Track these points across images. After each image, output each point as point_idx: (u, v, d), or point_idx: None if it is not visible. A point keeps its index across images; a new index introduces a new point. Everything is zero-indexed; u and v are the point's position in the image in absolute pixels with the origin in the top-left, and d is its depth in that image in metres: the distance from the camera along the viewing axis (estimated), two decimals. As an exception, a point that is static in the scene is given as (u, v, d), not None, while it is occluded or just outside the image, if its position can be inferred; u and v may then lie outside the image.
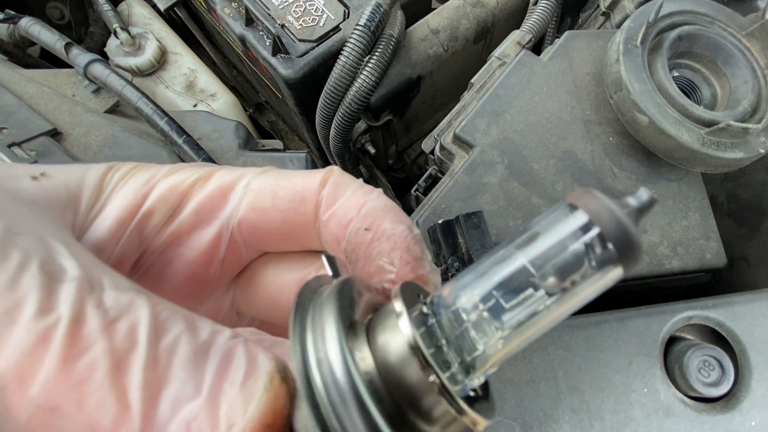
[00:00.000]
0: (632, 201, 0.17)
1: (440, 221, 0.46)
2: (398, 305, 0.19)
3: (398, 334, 0.18)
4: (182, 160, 0.60)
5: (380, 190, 0.26)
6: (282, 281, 0.27)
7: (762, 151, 0.50)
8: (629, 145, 0.55)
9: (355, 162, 0.91)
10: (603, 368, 0.44)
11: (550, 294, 0.18)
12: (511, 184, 0.53)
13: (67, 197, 0.22)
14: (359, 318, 0.19)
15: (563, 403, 0.44)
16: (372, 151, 0.89)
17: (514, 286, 0.18)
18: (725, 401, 0.44)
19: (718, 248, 0.53)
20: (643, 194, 0.17)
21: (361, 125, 0.85)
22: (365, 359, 0.18)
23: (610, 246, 0.16)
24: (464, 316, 0.19)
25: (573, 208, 0.18)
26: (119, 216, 0.23)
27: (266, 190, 0.25)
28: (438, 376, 0.17)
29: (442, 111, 0.95)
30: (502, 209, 0.52)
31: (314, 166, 0.65)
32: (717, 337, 0.46)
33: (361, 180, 0.26)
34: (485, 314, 0.18)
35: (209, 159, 0.59)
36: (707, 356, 0.44)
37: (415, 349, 0.17)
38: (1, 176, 0.21)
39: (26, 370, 0.15)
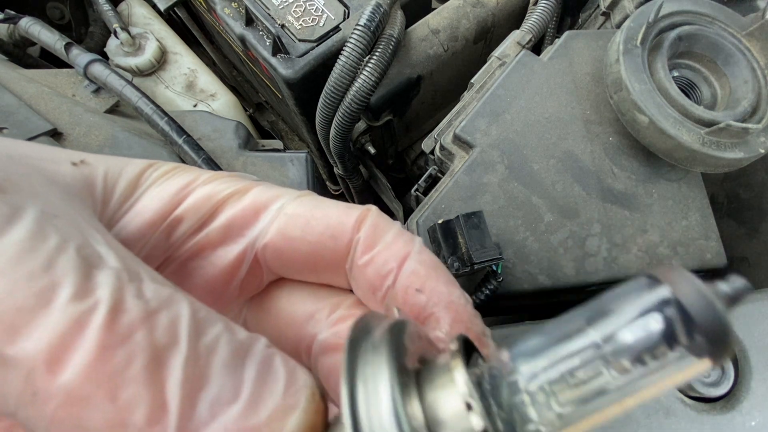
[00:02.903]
0: (725, 287, 0.15)
1: (440, 221, 0.46)
2: (460, 378, 0.17)
3: (457, 404, 0.17)
4: (182, 160, 0.60)
5: (420, 239, 0.25)
6: (294, 310, 0.26)
7: (762, 151, 0.50)
8: (629, 145, 0.55)
9: (355, 162, 0.91)
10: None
11: (620, 377, 0.16)
12: (511, 184, 0.53)
13: (102, 187, 0.22)
14: (410, 366, 0.18)
15: (563, 403, 0.43)
16: (372, 151, 0.89)
17: (580, 362, 0.16)
18: (725, 401, 0.44)
19: (718, 248, 0.53)
20: (737, 280, 0.15)
21: (361, 125, 0.85)
22: (416, 417, 0.17)
23: (700, 334, 0.14)
24: (522, 386, 0.17)
25: (655, 282, 0.15)
26: (150, 217, 0.22)
27: (299, 217, 0.24)
28: None
29: (442, 111, 0.95)
30: (502, 209, 0.52)
31: (314, 166, 0.65)
32: (717, 337, 0.46)
33: (398, 224, 0.25)
34: (545, 388, 0.16)
35: (209, 159, 0.59)
36: (707, 356, 0.44)
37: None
38: (42, 158, 0.20)
39: (59, 354, 0.14)
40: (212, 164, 0.59)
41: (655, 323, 0.15)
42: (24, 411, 0.14)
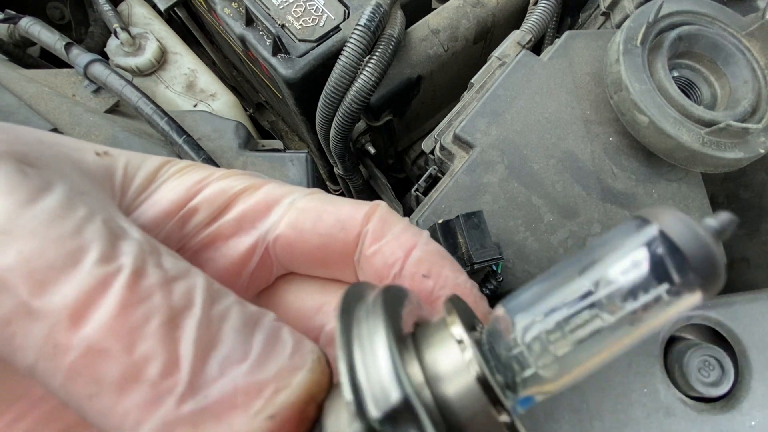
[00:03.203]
0: (712, 221, 0.15)
1: (440, 221, 0.46)
2: (457, 330, 0.17)
3: (455, 355, 0.17)
4: (182, 160, 0.60)
5: (427, 233, 0.25)
6: (302, 304, 0.27)
7: (762, 151, 0.50)
8: (629, 145, 0.55)
9: (355, 162, 0.91)
10: (603, 368, 0.44)
11: (614, 318, 0.16)
12: (511, 184, 0.53)
13: (122, 177, 0.23)
14: (405, 329, 0.18)
15: (563, 402, 0.43)
16: (372, 151, 0.89)
17: (574, 308, 0.16)
18: (725, 401, 0.44)
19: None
20: (724, 215, 0.15)
21: (361, 125, 0.85)
22: (416, 376, 0.17)
23: (691, 268, 0.14)
24: (519, 339, 0.17)
25: (644, 222, 0.15)
26: (166, 207, 0.23)
27: (310, 211, 0.24)
28: (510, 417, 0.16)
29: (442, 111, 0.95)
30: (502, 209, 0.52)
31: (314, 166, 0.65)
32: (717, 337, 0.46)
33: (407, 219, 0.26)
34: (542, 338, 0.17)
35: (209, 159, 0.59)
36: (707, 356, 0.44)
37: (480, 381, 0.16)
38: (69, 146, 0.22)
39: (82, 309, 0.16)
40: (212, 164, 0.59)
41: (645, 261, 0.15)
42: (43, 363, 0.15)
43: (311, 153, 1.08)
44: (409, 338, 0.18)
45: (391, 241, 0.24)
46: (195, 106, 0.93)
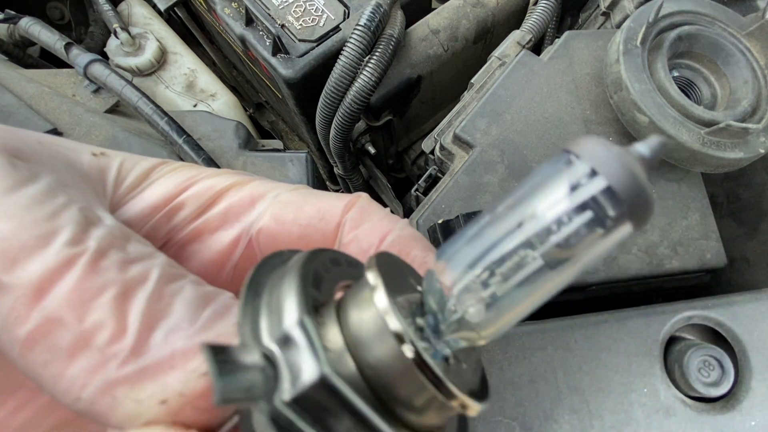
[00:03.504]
0: (641, 148, 0.15)
1: (440, 221, 0.46)
2: (372, 276, 0.17)
3: (371, 307, 0.16)
4: (182, 160, 0.60)
5: (406, 220, 0.26)
6: None
7: (762, 151, 0.50)
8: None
9: (355, 162, 0.91)
10: (603, 368, 0.44)
11: (546, 256, 0.15)
12: (511, 184, 0.53)
13: (116, 175, 0.24)
14: (327, 295, 0.18)
15: (563, 403, 0.43)
16: (372, 151, 0.89)
17: (506, 249, 0.16)
18: (725, 401, 0.44)
19: (718, 248, 0.53)
20: (654, 139, 0.15)
21: (361, 125, 0.85)
22: (334, 341, 0.16)
23: (619, 199, 0.14)
24: (450, 283, 0.17)
25: (571, 156, 0.15)
26: (154, 202, 0.24)
27: (292, 204, 0.25)
28: (416, 349, 0.16)
29: (442, 111, 0.95)
30: (502, 209, 0.52)
31: (314, 167, 0.65)
32: (717, 337, 0.46)
33: (388, 209, 0.26)
34: (475, 279, 0.16)
35: (209, 159, 0.59)
36: (707, 356, 0.44)
37: (394, 327, 0.16)
38: (66, 147, 0.23)
39: (46, 284, 0.17)
40: (212, 164, 0.59)
41: (573, 197, 0.14)
42: (6, 334, 0.17)
43: (311, 153, 1.08)
44: (333, 303, 0.18)
45: (367, 229, 0.25)
46: (195, 106, 0.93)
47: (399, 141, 0.94)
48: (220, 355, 0.15)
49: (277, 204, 0.25)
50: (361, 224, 0.25)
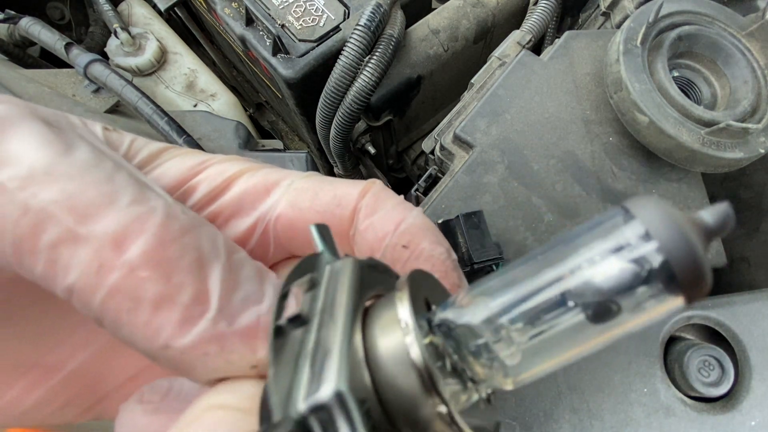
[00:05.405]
0: (706, 215, 0.13)
1: (440, 221, 0.46)
2: (403, 312, 0.16)
3: (401, 346, 0.16)
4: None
5: (420, 208, 0.26)
6: None
7: (762, 151, 0.50)
8: (629, 145, 0.55)
9: (355, 162, 0.91)
10: (603, 368, 0.44)
11: (586, 316, 0.14)
12: (511, 184, 0.53)
13: (126, 152, 0.24)
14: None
15: (563, 403, 0.44)
16: (372, 151, 0.89)
17: (544, 300, 0.15)
18: (725, 401, 0.44)
19: (718, 248, 0.53)
20: (721, 207, 0.13)
21: (361, 125, 0.85)
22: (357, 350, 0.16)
23: (670, 270, 0.13)
24: (479, 327, 0.16)
25: (628, 215, 0.14)
26: (166, 184, 0.24)
27: (308, 190, 0.25)
28: (448, 409, 0.15)
29: (442, 111, 0.95)
30: (502, 209, 0.52)
31: (314, 166, 0.65)
32: (717, 337, 0.46)
33: (401, 196, 0.26)
34: (506, 327, 0.15)
35: (209, 159, 0.59)
36: (707, 356, 0.44)
37: (422, 371, 0.15)
38: (81, 121, 0.23)
39: (124, 238, 0.17)
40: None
41: (627, 265, 0.13)
42: (85, 280, 0.17)
43: (311, 153, 1.08)
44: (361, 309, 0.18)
45: (382, 215, 0.24)
46: (195, 106, 0.93)
47: (399, 141, 0.94)
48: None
49: (293, 191, 0.25)
50: (376, 211, 0.25)
